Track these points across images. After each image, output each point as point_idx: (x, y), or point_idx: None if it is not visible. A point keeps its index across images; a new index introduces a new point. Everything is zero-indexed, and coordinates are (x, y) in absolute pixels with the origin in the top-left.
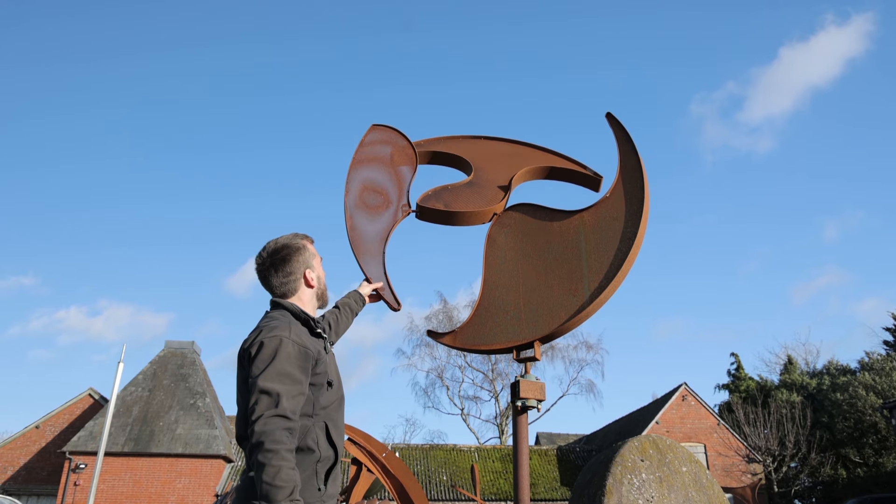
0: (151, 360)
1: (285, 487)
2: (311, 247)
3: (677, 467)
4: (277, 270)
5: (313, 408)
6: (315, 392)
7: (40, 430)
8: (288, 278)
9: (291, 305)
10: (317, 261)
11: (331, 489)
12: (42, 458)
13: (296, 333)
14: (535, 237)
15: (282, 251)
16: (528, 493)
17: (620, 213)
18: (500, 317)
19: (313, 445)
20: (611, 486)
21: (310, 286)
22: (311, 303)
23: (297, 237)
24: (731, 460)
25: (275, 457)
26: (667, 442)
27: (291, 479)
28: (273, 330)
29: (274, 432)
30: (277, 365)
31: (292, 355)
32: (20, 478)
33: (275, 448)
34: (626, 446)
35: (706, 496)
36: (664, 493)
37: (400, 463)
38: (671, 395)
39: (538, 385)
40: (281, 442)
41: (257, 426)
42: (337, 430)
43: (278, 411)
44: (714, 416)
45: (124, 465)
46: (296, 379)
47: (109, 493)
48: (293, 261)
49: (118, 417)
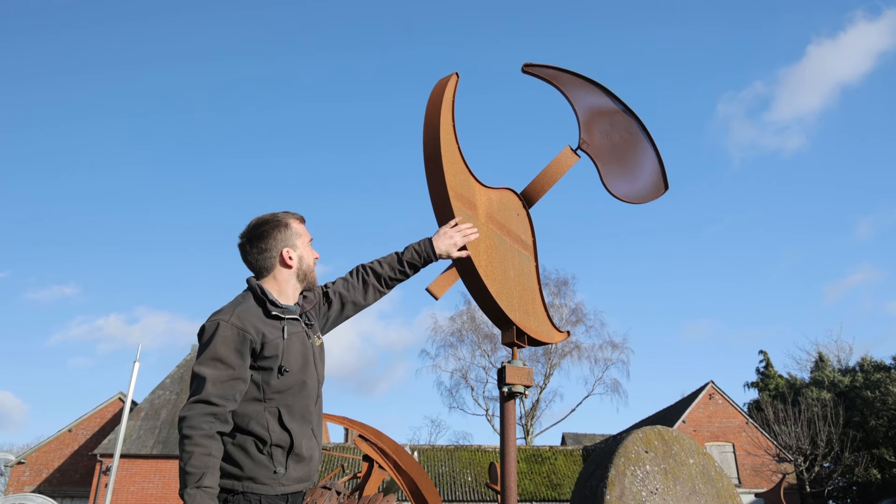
0: (178, 363)
1: (194, 474)
2: (296, 226)
3: (684, 459)
4: (253, 246)
5: (264, 392)
6: (264, 376)
7: (73, 433)
8: (262, 255)
9: (255, 284)
10: (302, 241)
11: (296, 472)
12: (75, 460)
13: (237, 316)
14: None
15: (260, 227)
16: (516, 480)
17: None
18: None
19: (261, 430)
20: (613, 477)
21: (287, 266)
22: (288, 283)
23: (281, 214)
24: (760, 459)
25: (188, 442)
26: (673, 433)
27: (202, 465)
28: (216, 313)
29: (192, 418)
30: (211, 349)
31: (228, 338)
32: (54, 480)
33: (190, 434)
34: (630, 437)
35: (714, 488)
36: (669, 485)
37: (412, 460)
38: (698, 393)
39: (525, 371)
40: (197, 427)
41: (182, 411)
42: (293, 416)
43: (202, 396)
44: (743, 414)
45: (153, 467)
46: (229, 363)
47: (139, 494)
48: (270, 237)
49: (147, 421)
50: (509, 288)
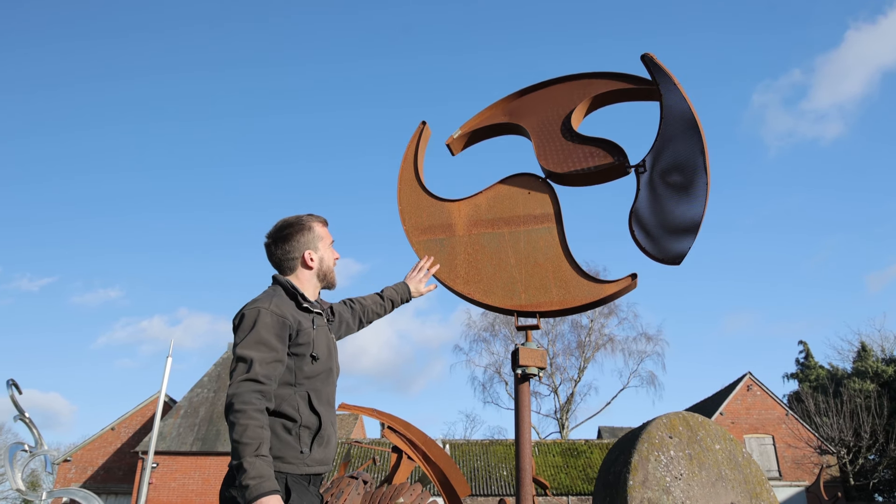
0: (215, 362)
1: (251, 444)
2: (318, 229)
3: (709, 444)
4: (277, 248)
5: (295, 377)
6: (297, 362)
7: (116, 431)
8: (286, 256)
9: (284, 280)
10: (324, 243)
11: (318, 454)
12: (118, 458)
13: (276, 305)
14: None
15: (285, 230)
16: (531, 464)
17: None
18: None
19: (293, 412)
20: (636, 462)
21: (308, 267)
22: (309, 282)
23: (305, 217)
24: (801, 452)
25: (242, 416)
26: (698, 419)
27: (258, 436)
28: (254, 302)
29: (243, 394)
30: (254, 334)
31: (269, 324)
32: (99, 477)
33: (243, 408)
34: (654, 423)
35: (742, 474)
36: (694, 471)
37: (441, 451)
38: (735, 385)
39: (539, 352)
40: (250, 403)
41: (230, 389)
42: (321, 401)
43: (250, 375)
44: (782, 406)
45: (193, 463)
46: (272, 346)
47: (180, 490)
48: (293, 240)
49: (186, 418)
50: (507, 277)
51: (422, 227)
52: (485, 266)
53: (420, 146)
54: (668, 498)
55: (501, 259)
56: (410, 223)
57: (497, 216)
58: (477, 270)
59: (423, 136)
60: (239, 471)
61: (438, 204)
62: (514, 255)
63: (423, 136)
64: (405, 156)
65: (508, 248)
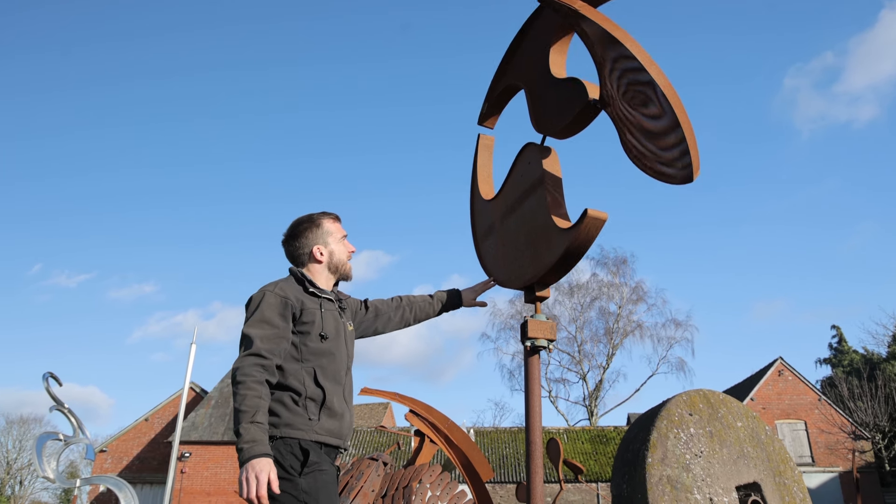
0: None
1: (248, 411)
2: (329, 224)
3: (731, 422)
4: (290, 244)
5: (301, 354)
6: (302, 339)
7: (149, 422)
8: (298, 251)
9: (296, 270)
10: (333, 237)
11: (328, 424)
12: (152, 448)
13: (280, 287)
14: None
15: (297, 227)
16: (541, 438)
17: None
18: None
19: (298, 385)
20: (655, 439)
21: (317, 261)
22: (321, 274)
23: (316, 215)
24: (835, 437)
25: (242, 387)
26: (719, 396)
27: (255, 405)
28: (262, 287)
29: (244, 367)
30: (258, 313)
31: (272, 304)
32: (134, 467)
33: (243, 380)
34: (673, 401)
35: (764, 452)
36: (715, 448)
37: (463, 434)
38: (766, 370)
39: (548, 324)
40: (250, 375)
41: (234, 364)
42: (326, 376)
43: (252, 350)
44: (815, 391)
45: (225, 453)
46: (274, 324)
47: (213, 479)
48: (303, 236)
49: (217, 409)
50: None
51: (482, 234)
52: (508, 253)
53: (479, 157)
54: (687, 475)
55: (516, 241)
56: (477, 234)
57: (514, 199)
58: (504, 258)
59: (480, 146)
60: (237, 435)
61: (487, 205)
62: (523, 234)
63: (480, 147)
64: (472, 172)
65: (519, 228)
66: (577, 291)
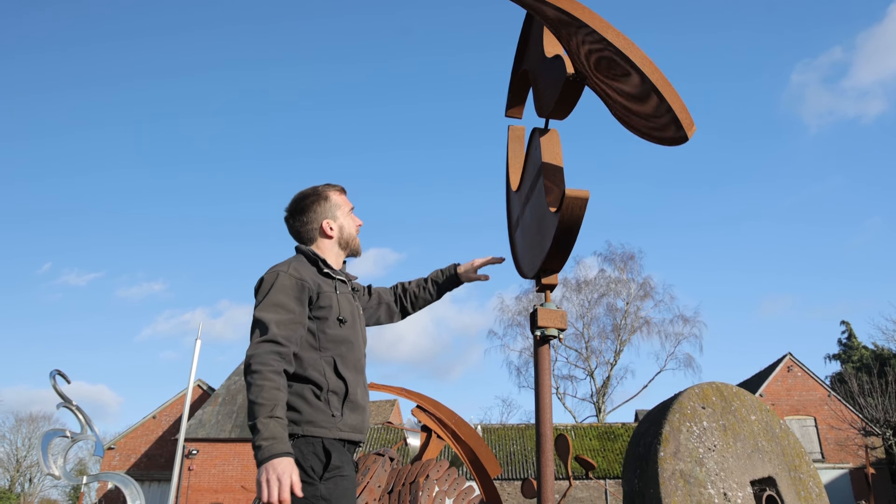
0: None
1: (266, 405)
2: (335, 197)
3: (745, 415)
4: (296, 220)
5: (319, 342)
6: (320, 325)
7: (157, 419)
8: (305, 227)
9: (306, 248)
10: (342, 211)
11: (351, 420)
12: (160, 445)
13: (294, 268)
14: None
15: (302, 201)
16: (552, 431)
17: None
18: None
19: (319, 378)
20: (667, 433)
21: (327, 236)
22: (331, 251)
23: (321, 187)
24: (845, 433)
25: (259, 377)
26: (733, 389)
27: (273, 398)
28: (273, 267)
29: (261, 355)
30: (271, 296)
31: (287, 286)
32: (142, 464)
33: (259, 369)
34: (686, 393)
35: (779, 446)
36: (729, 442)
37: (470, 429)
38: (775, 366)
39: (558, 313)
40: (267, 364)
41: (248, 351)
42: (347, 366)
43: (268, 337)
44: (824, 387)
45: (232, 450)
46: (289, 308)
47: (220, 476)
48: (311, 210)
49: (224, 406)
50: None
51: (513, 226)
52: (527, 242)
53: (510, 149)
54: (701, 469)
55: (531, 229)
56: (511, 227)
57: (528, 187)
58: (525, 248)
59: (510, 137)
60: (253, 431)
61: (514, 196)
62: (535, 222)
63: (510, 138)
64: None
65: (532, 216)
66: (585, 287)
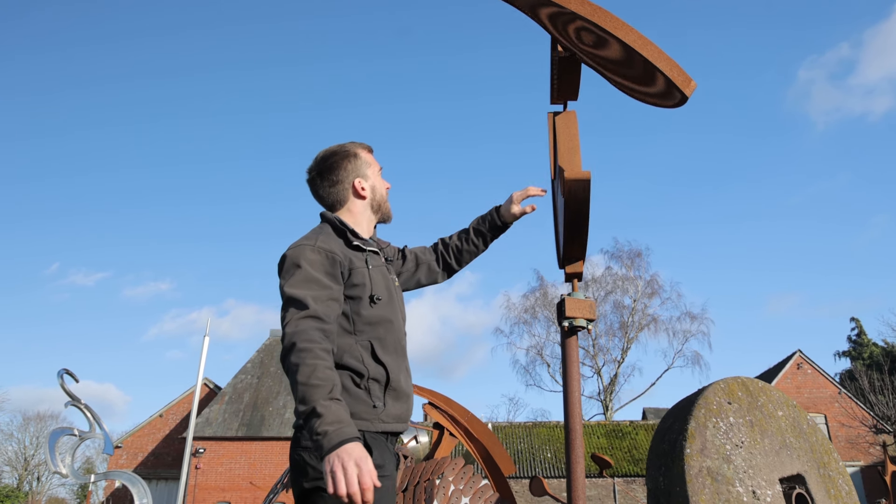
0: (258, 348)
1: (323, 385)
2: (365, 155)
3: (771, 411)
4: (324, 179)
5: (354, 325)
6: (354, 306)
7: (164, 418)
8: (335, 187)
9: (332, 216)
10: (373, 170)
11: (394, 409)
12: (167, 444)
13: (322, 241)
14: None
15: (329, 159)
16: (581, 426)
17: None
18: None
19: (356, 364)
20: (693, 429)
21: (360, 197)
22: (363, 215)
23: (348, 144)
24: (856, 431)
25: (308, 355)
26: (758, 384)
27: (329, 378)
28: (298, 242)
29: (306, 331)
30: (302, 273)
31: (316, 262)
32: (149, 463)
33: (308, 346)
34: (711, 388)
35: (808, 443)
36: (756, 438)
37: (483, 427)
38: (784, 363)
39: (587, 303)
40: (315, 341)
41: (287, 329)
42: (387, 350)
43: (309, 312)
44: (834, 384)
45: (239, 448)
46: (324, 284)
47: (227, 475)
48: (340, 168)
49: (231, 404)
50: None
51: (556, 218)
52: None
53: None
54: (728, 467)
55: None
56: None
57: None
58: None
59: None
60: (311, 417)
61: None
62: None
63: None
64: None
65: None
66: (592, 285)
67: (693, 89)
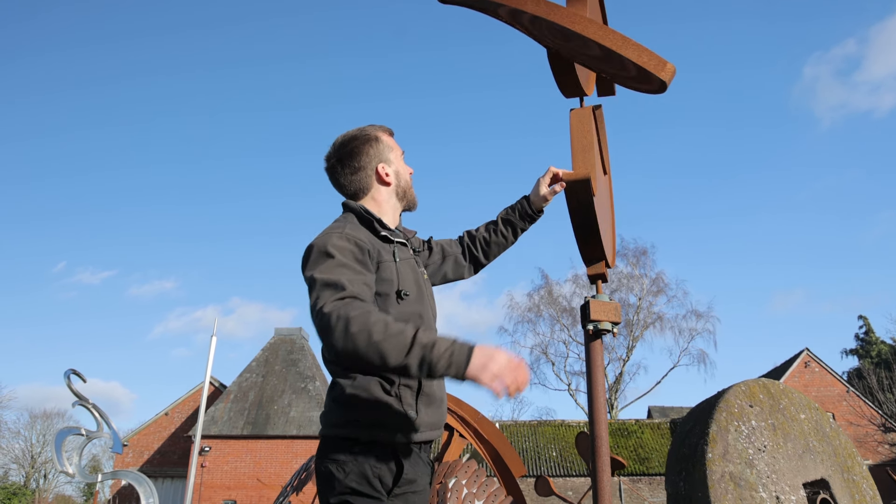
0: (263, 347)
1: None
2: (387, 139)
3: (794, 414)
4: (345, 166)
5: None
6: (381, 303)
7: (169, 416)
8: (357, 174)
9: (356, 206)
10: (395, 154)
11: (428, 416)
12: (172, 442)
13: (350, 230)
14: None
15: (350, 143)
16: (607, 432)
17: None
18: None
19: None
20: (714, 433)
21: (385, 183)
22: (388, 202)
23: (368, 128)
24: (864, 430)
25: (370, 316)
26: (780, 387)
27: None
28: (324, 231)
29: (350, 304)
30: (333, 260)
31: (346, 249)
32: (155, 461)
33: (362, 311)
34: (732, 391)
35: (831, 446)
36: (779, 442)
37: (493, 428)
38: (792, 361)
39: (612, 305)
40: (366, 309)
41: (326, 308)
42: None
43: (346, 293)
44: (842, 382)
45: (245, 447)
46: (356, 270)
47: (233, 473)
48: (362, 154)
49: (236, 403)
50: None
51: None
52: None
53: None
54: (751, 472)
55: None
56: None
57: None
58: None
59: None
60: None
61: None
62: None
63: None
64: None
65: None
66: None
67: (672, 72)
